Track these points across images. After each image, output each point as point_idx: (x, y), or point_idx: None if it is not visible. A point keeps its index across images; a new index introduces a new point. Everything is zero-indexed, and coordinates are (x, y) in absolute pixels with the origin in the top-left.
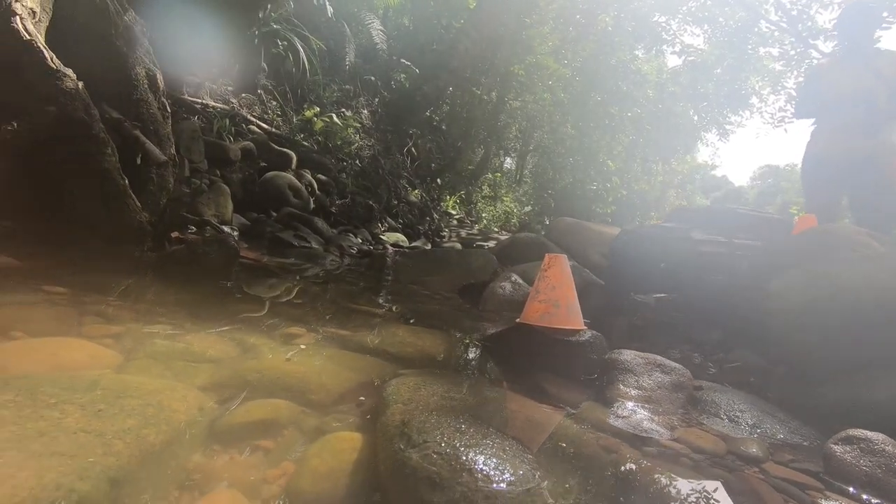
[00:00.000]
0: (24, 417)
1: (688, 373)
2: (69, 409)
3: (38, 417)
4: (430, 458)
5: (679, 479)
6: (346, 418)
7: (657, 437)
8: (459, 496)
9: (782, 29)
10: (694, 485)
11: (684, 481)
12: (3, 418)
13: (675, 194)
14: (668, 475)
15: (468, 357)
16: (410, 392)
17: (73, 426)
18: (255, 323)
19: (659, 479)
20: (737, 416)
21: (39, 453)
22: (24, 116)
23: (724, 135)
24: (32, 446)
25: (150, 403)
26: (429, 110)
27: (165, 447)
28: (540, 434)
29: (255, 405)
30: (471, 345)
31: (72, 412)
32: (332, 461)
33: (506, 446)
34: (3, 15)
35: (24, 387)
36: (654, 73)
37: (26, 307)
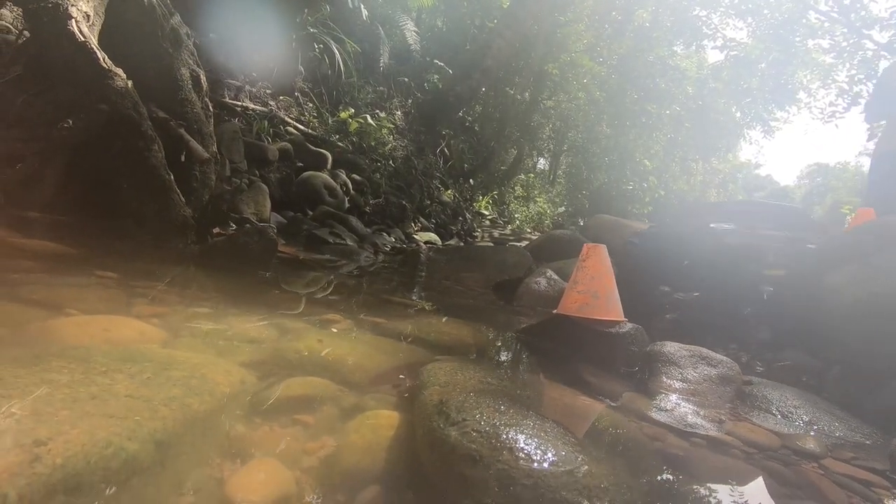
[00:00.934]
0: (76, 382)
1: (736, 366)
2: (119, 377)
3: (90, 383)
4: (469, 435)
5: (729, 469)
6: (383, 398)
7: (704, 428)
8: (500, 473)
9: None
10: (746, 475)
11: (735, 471)
12: (58, 382)
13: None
14: (717, 465)
15: (504, 347)
16: (447, 375)
17: (123, 392)
18: (293, 309)
19: (707, 468)
20: (790, 413)
21: (91, 414)
22: (78, 114)
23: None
24: (85, 407)
25: (195, 375)
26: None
27: (209, 416)
28: (580, 420)
29: (295, 382)
30: (507, 336)
31: (121, 380)
32: (370, 436)
33: (546, 428)
34: (60, 18)
35: (77, 356)
36: (694, 69)
37: (80, 288)
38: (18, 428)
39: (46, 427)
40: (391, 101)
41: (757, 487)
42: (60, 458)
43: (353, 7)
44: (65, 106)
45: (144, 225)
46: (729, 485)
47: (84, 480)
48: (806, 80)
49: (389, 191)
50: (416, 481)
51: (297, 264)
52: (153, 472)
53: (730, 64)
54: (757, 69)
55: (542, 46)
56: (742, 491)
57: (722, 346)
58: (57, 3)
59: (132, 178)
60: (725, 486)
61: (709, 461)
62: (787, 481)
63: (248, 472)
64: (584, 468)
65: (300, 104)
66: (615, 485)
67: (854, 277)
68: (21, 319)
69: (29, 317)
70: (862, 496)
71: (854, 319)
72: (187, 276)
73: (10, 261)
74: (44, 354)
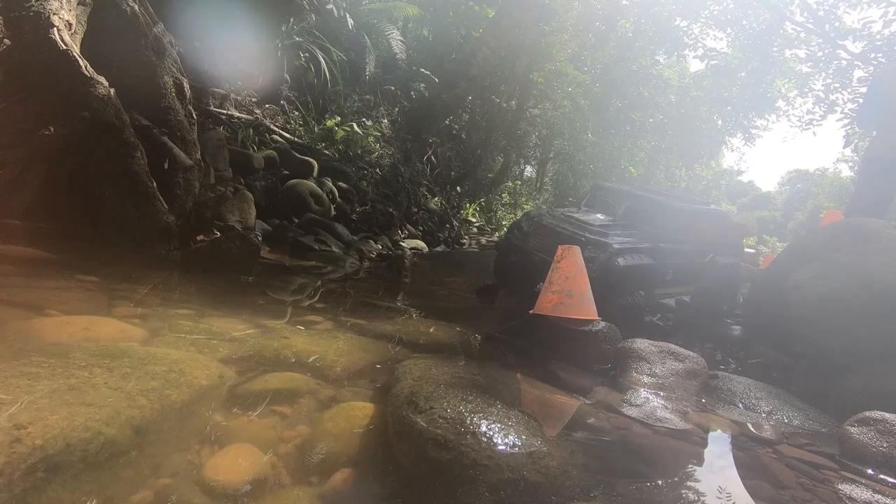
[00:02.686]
0: (56, 375)
1: (702, 360)
2: (97, 371)
3: (70, 375)
4: (435, 422)
5: (687, 454)
6: (359, 391)
7: (668, 419)
8: (464, 455)
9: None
10: (702, 459)
11: (692, 456)
12: (38, 375)
13: None
14: (676, 450)
15: (481, 346)
16: (422, 371)
17: (101, 384)
18: (275, 311)
19: (666, 453)
20: (753, 404)
21: (70, 402)
22: (60, 121)
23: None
24: (64, 396)
25: (173, 370)
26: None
27: (187, 406)
28: (548, 410)
29: (274, 377)
30: (484, 335)
31: (100, 373)
32: (344, 425)
33: (511, 415)
34: (42, 27)
35: (57, 352)
36: (677, 78)
37: (60, 291)
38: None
39: (26, 413)
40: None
41: (711, 469)
42: (40, 439)
43: (338, 16)
44: (46, 113)
45: (126, 231)
46: (684, 467)
47: (63, 460)
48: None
49: (376, 198)
50: (388, 465)
51: (282, 270)
52: (132, 455)
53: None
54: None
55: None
56: (696, 473)
57: (698, 345)
58: (39, 12)
59: (114, 185)
60: (681, 468)
61: (668, 447)
62: (740, 464)
63: (226, 456)
64: (544, 450)
65: (286, 112)
66: (575, 465)
67: (817, 273)
68: (1, 319)
69: (9, 317)
70: (810, 476)
71: (817, 314)
72: (169, 280)
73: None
74: (24, 350)
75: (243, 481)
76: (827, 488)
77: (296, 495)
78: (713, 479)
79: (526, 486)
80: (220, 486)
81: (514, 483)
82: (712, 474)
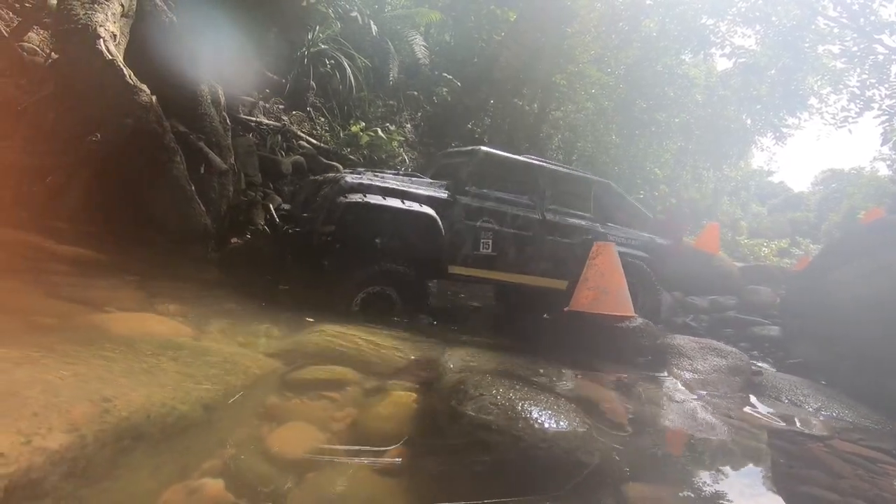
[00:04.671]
0: (129, 359)
1: (745, 357)
2: (163, 359)
3: (140, 361)
4: (486, 408)
5: (735, 445)
6: (403, 383)
7: (712, 411)
8: (517, 439)
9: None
10: (752, 451)
11: (741, 447)
12: (113, 358)
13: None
14: (724, 441)
15: (517, 342)
16: (464, 364)
17: (169, 369)
18: (313, 308)
19: (713, 443)
20: (800, 400)
21: (146, 383)
22: (105, 128)
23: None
24: (139, 378)
25: (228, 361)
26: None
27: (245, 389)
28: (593, 401)
29: (319, 369)
30: (519, 332)
31: (165, 361)
32: (393, 408)
33: (560, 403)
34: (90, 38)
35: (124, 342)
36: (703, 77)
37: (113, 290)
38: (88, 387)
39: (111, 388)
40: (401, 114)
41: (763, 460)
42: (125, 412)
43: (362, 23)
44: (93, 121)
45: (167, 233)
46: (732, 456)
47: (145, 431)
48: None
49: None
50: (439, 446)
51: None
52: (202, 429)
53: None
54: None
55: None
56: (744, 462)
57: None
58: (86, 24)
59: (155, 189)
60: (729, 457)
61: (714, 437)
62: (793, 456)
63: (284, 432)
64: (594, 435)
65: (312, 119)
66: (626, 450)
67: (861, 271)
68: (67, 313)
69: (73, 311)
70: (867, 469)
71: (862, 313)
72: (209, 279)
73: (48, 264)
74: (95, 339)
75: (302, 454)
76: (886, 480)
77: (352, 468)
78: (763, 468)
79: (580, 467)
80: (281, 457)
81: (569, 464)
82: (762, 464)
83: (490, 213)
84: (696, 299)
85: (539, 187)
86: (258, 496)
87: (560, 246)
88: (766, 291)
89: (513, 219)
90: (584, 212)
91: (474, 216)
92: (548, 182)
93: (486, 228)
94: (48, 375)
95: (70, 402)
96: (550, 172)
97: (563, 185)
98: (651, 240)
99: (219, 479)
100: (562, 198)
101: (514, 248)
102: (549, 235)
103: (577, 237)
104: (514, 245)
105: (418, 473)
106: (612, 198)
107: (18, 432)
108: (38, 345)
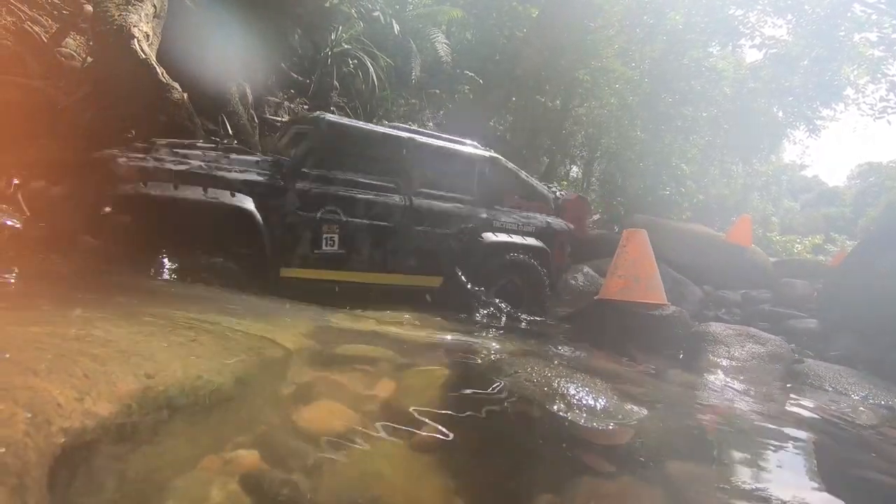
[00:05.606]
0: (168, 333)
1: (785, 344)
2: (201, 332)
3: (179, 334)
4: (522, 384)
5: (779, 431)
6: (434, 360)
7: (750, 396)
8: (554, 414)
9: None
10: (798, 437)
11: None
12: (153, 332)
13: (759, 197)
14: (764, 424)
15: (547, 330)
16: (497, 345)
17: (206, 342)
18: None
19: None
20: (845, 389)
21: (184, 356)
22: (140, 125)
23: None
24: (178, 351)
25: (265, 337)
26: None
27: (280, 362)
28: (627, 382)
29: (353, 347)
30: (549, 321)
31: (203, 335)
32: (425, 383)
33: (596, 382)
34: (124, 38)
35: (162, 316)
36: (731, 70)
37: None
38: (131, 363)
39: (151, 364)
40: (423, 112)
41: (808, 445)
42: (163, 385)
43: (384, 23)
44: (127, 119)
45: None
46: (777, 441)
47: (181, 402)
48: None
49: None
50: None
51: None
52: (236, 402)
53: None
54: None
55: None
56: (794, 447)
57: None
58: (121, 25)
59: None
60: (773, 441)
61: (757, 422)
62: (841, 442)
63: (319, 405)
64: (632, 413)
65: None
66: (664, 430)
67: None
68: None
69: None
70: None
71: None
72: None
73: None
74: (135, 314)
75: (336, 427)
76: None
77: (387, 443)
78: (809, 452)
79: (617, 443)
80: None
81: (606, 440)
82: (808, 448)
83: (336, 200)
84: (727, 293)
85: (405, 166)
86: (292, 467)
87: (432, 237)
88: (801, 284)
89: (368, 207)
90: (466, 194)
91: (314, 205)
92: (417, 159)
93: (329, 220)
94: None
95: (116, 372)
96: (420, 147)
97: (437, 163)
98: (547, 225)
99: (254, 450)
100: (436, 178)
101: (369, 243)
102: (418, 225)
103: (454, 226)
104: (371, 239)
105: (454, 449)
106: (501, 175)
107: (73, 388)
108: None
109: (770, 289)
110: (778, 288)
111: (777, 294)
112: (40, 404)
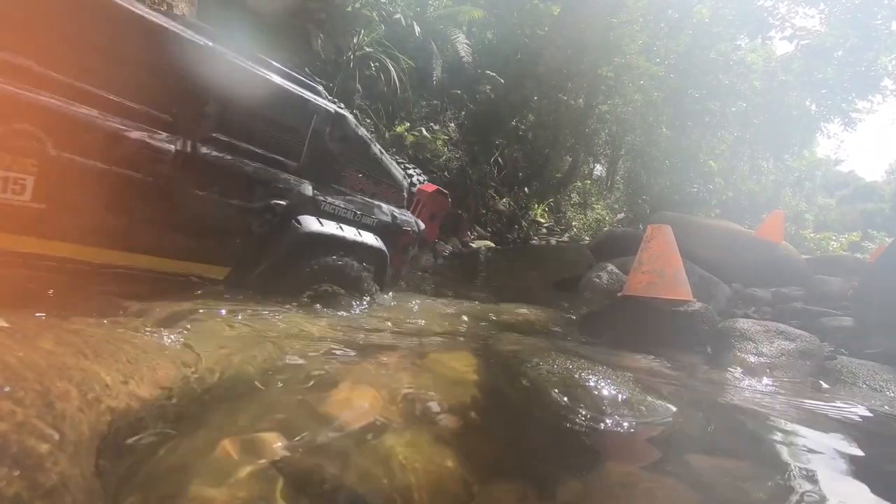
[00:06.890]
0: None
1: (816, 340)
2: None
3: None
4: (544, 375)
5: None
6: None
7: (780, 393)
8: (577, 405)
9: None
10: (828, 427)
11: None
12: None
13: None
14: (797, 418)
15: (570, 327)
16: (518, 339)
17: (234, 334)
18: None
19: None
20: (880, 386)
21: (220, 346)
22: None
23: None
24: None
25: (291, 326)
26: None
27: (304, 349)
28: (651, 377)
29: (376, 335)
30: (572, 318)
31: (233, 325)
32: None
33: (618, 375)
34: None
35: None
36: (761, 63)
37: None
38: (173, 353)
39: (188, 354)
40: (445, 113)
41: (842, 440)
42: (198, 374)
43: (406, 25)
44: None
45: None
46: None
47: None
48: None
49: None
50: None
51: None
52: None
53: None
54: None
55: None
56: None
57: None
58: None
59: None
60: (805, 435)
61: (787, 417)
62: (878, 437)
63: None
64: (656, 405)
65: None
66: (690, 424)
67: None
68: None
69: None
70: None
71: None
72: None
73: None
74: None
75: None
76: None
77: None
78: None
79: (642, 435)
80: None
81: (630, 432)
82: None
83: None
84: (757, 291)
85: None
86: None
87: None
88: (836, 282)
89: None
90: (288, 157)
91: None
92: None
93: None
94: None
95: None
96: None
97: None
98: (393, 220)
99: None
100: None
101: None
102: (200, 188)
103: (258, 198)
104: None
105: (476, 438)
106: (347, 143)
107: (119, 371)
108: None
109: (803, 286)
110: (811, 285)
111: (810, 292)
112: (90, 383)
